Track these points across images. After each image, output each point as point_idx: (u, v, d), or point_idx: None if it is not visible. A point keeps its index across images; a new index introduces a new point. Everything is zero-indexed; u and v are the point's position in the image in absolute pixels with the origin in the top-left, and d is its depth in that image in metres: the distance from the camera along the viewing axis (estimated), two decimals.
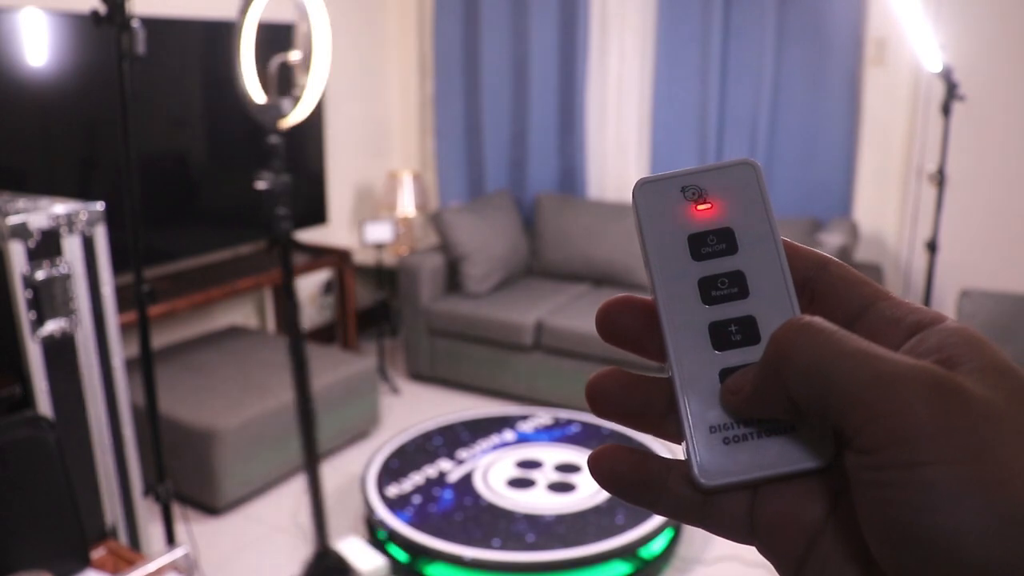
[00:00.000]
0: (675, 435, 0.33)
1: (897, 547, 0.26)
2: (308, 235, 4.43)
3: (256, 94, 2.23)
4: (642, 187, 0.33)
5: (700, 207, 0.33)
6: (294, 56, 2.27)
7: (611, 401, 0.33)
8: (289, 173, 2.30)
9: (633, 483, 0.32)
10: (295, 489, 3.39)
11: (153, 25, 3.42)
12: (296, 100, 2.22)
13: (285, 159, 2.23)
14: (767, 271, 0.32)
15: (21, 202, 2.14)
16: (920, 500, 0.25)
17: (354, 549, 2.70)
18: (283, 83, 2.34)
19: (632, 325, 0.33)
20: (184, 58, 3.63)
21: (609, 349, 2.72)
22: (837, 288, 0.32)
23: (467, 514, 2.80)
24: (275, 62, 2.30)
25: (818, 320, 0.29)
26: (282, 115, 2.21)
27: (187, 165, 3.74)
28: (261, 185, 2.20)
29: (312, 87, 2.17)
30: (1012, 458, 0.25)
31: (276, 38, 3.15)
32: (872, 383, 0.26)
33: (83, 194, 3.26)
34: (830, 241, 3.53)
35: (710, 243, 0.32)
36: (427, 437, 3.34)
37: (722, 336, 0.32)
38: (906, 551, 0.26)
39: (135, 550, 2.22)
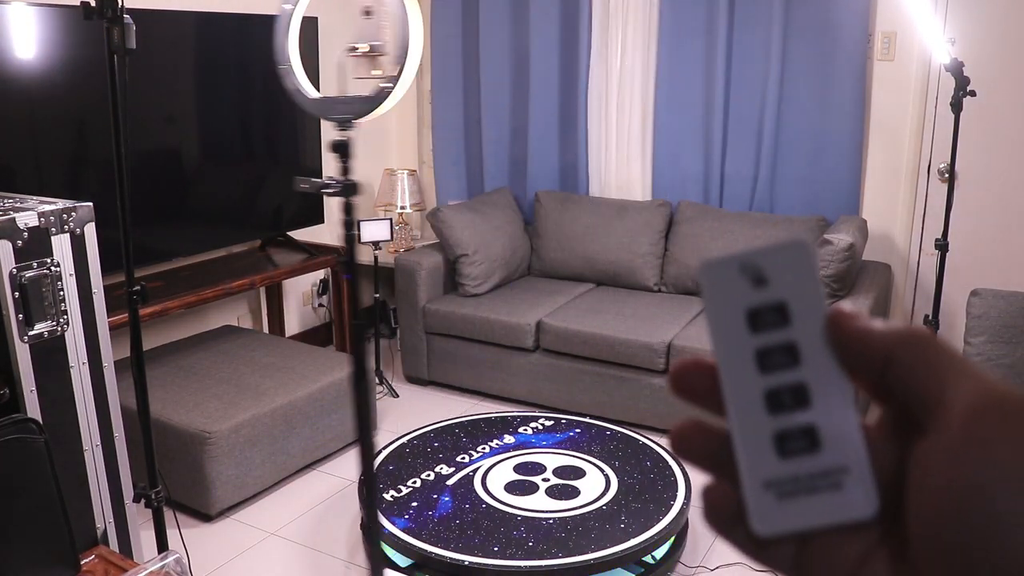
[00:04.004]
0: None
1: (956, 528, 0.29)
2: (303, 234, 4.37)
3: (310, 89, 1.98)
4: (707, 267, 0.37)
5: (757, 284, 0.37)
6: (364, 47, 2.09)
7: (693, 448, 0.38)
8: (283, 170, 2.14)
9: (729, 515, 0.36)
10: (289, 494, 3.34)
11: (144, 18, 3.37)
12: (380, 92, 1.94)
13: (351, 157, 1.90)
14: (817, 342, 0.36)
15: (9, 200, 2.08)
16: (995, 478, 0.29)
17: None
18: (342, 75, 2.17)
19: (701, 385, 0.38)
20: (176, 52, 3.57)
21: (612, 351, 2.68)
22: None
23: (466, 519, 2.75)
24: (342, 54, 2.12)
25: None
26: (358, 110, 1.94)
27: (179, 162, 3.68)
28: (304, 187, 1.91)
29: (404, 78, 1.94)
30: None
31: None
32: (966, 375, 0.32)
33: (73, 192, 3.21)
34: (838, 240, 3.48)
35: (766, 317, 0.36)
36: (425, 440, 3.28)
37: (776, 402, 0.36)
38: (965, 532, 0.29)
39: (126, 556, 2.17)
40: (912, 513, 0.32)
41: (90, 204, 2.09)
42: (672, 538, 2.79)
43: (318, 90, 2.05)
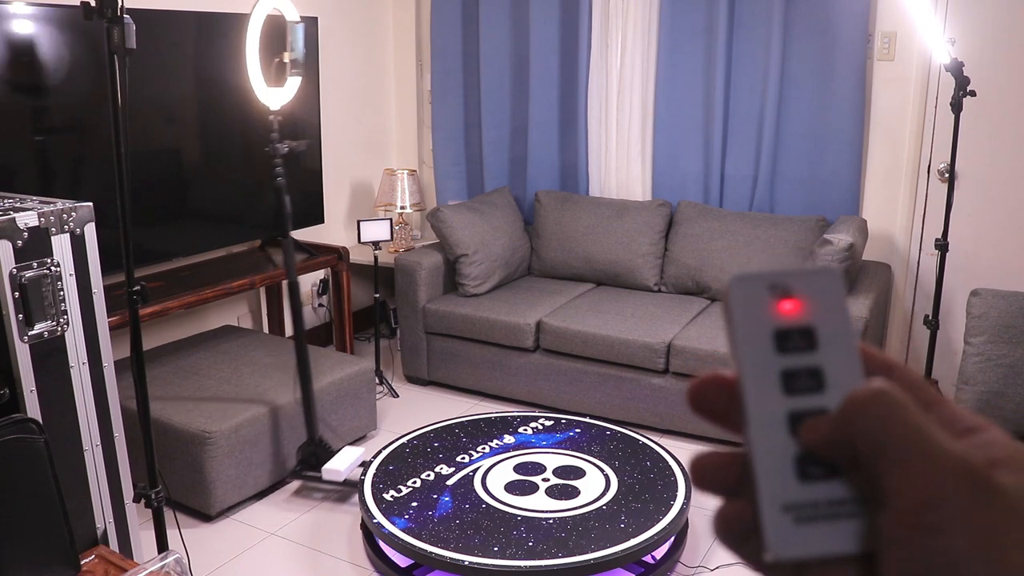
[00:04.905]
0: None
1: None
2: (304, 234, 4.37)
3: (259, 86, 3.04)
4: (736, 282, 0.37)
5: (786, 305, 0.37)
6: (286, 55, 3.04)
7: (715, 477, 0.38)
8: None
9: (741, 531, 0.36)
10: (289, 494, 3.34)
11: (144, 18, 3.36)
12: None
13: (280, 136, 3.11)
14: (844, 369, 0.36)
15: (9, 200, 2.08)
16: (936, 563, 0.30)
17: (347, 454, 3.30)
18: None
19: (720, 402, 0.38)
20: (176, 52, 3.57)
21: (612, 351, 2.68)
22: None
23: (466, 519, 2.74)
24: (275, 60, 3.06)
25: (894, 389, 0.34)
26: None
27: (179, 162, 3.68)
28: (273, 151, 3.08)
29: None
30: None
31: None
32: (918, 455, 0.32)
33: (73, 192, 3.22)
34: (838, 240, 3.48)
35: (793, 339, 0.37)
36: (425, 440, 3.28)
37: (799, 425, 0.36)
38: None
39: (126, 556, 2.17)
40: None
41: (90, 204, 2.09)
42: (672, 538, 2.79)
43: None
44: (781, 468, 0.35)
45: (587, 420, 3.47)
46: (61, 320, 2.04)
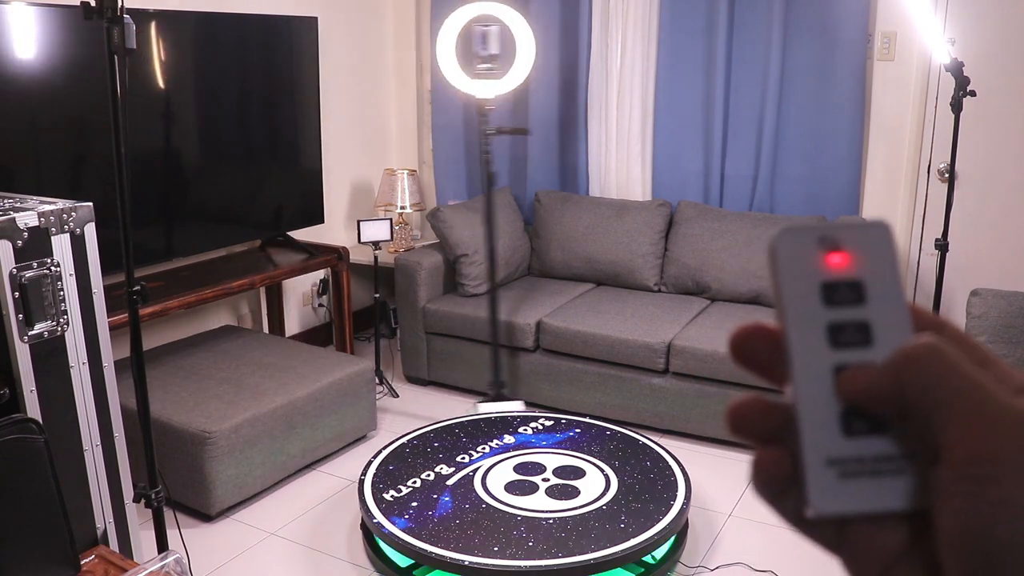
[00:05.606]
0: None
1: (967, 555, 0.30)
2: (304, 234, 4.37)
3: (461, 81, 3.64)
4: (784, 234, 0.37)
5: (835, 259, 0.36)
6: (494, 50, 3.55)
7: (751, 425, 0.37)
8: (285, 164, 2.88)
9: (780, 484, 0.36)
10: (289, 494, 3.34)
11: (144, 18, 3.36)
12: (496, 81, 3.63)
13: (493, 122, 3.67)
14: (892, 325, 0.36)
15: (9, 200, 2.08)
16: (994, 514, 0.30)
17: (510, 404, 3.75)
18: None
19: (763, 352, 0.37)
20: (176, 52, 3.57)
21: (612, 351, 2.67)
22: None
23: (466, 519, 2.74)
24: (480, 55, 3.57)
25: (946, 344, 0.33)
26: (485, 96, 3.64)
27: (179, 162, 3.68)
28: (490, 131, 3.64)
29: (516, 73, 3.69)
30: None
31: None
32: (975, 409, 0.31)
33: (73, 192, 3.21)
34: None
35: (841, 292, 0.36)
36: (425, 440, 3.28)
37: None
38: (975, 559, 0.30)
39: (126, 556, 2.17)
40: (937, 534, 0.32)
41: (90, 204, 2.09)
42: (672, 538, 2.79)
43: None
44: (826, 422, 0.35)
45: (587, 420, 3.46)
46: (61, 320, 2.03)
